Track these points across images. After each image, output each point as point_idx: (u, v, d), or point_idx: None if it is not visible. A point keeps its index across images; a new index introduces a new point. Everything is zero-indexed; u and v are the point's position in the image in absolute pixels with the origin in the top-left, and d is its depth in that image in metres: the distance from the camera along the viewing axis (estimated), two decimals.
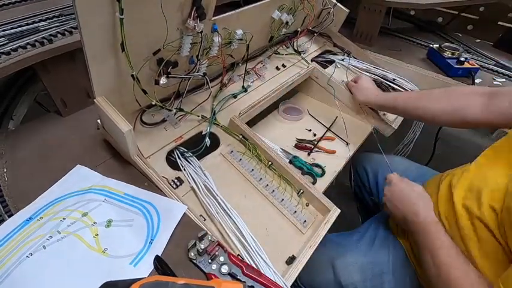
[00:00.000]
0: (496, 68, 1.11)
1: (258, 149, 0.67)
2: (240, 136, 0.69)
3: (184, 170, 0.61)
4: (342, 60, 1.01)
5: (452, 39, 1.31)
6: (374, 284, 0.64)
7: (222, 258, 0.45)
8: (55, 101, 0.69)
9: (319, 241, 0.56)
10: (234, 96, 0.78)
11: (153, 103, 0.60)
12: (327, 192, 0.68)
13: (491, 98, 0.60)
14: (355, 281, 0.65)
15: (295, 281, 0.52)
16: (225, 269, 0.44)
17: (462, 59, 1.04)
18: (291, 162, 0.74)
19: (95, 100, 0.53)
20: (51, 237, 0.47)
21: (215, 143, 0.68)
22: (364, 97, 0.83)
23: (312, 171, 0.73)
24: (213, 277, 0.44)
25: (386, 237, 0.71)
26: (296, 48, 0.96)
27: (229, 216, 0.55)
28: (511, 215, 0.45)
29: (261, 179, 0.64)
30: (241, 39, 0.71)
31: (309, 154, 0.79)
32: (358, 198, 0.99)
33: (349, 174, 1.01)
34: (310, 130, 0.87)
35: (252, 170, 0.65)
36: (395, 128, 0.86)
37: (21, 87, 0.74)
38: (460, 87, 0.70)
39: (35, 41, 0.62)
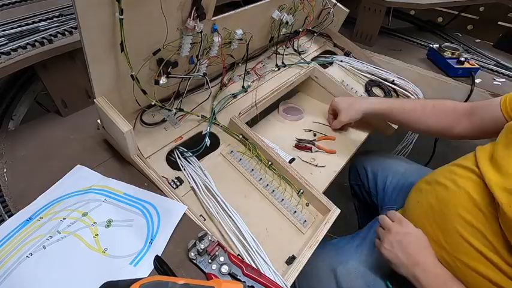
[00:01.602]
0: (496, 68, 1.11)
1: (258, 149, 0.67)
2: (240, 136, 0.69)
3: (184, 170, 0.61)
4: (341, 61, 1.01)
5: (452, 39, 1.31)
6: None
7: (222, 258, 0.45)
8: (55, 101, 0.69)
9: (319, 241, 0.56)
10: (234, 96, 0.78)
11: (153, 103, 0.60)
12: (327, 192, 0.68)
13: (469, 117, 0.70)
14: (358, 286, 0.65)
15: (294, 286, 0.51)
16: (225, 269, 0.44)
17: (462, 59, 1.04)
18: (291, 162, 0.74)
19: (94, 100, 0.53)
20: (51, 237, 0.47)
21: (215, 143, 0.68)
22: (359, 109, 0.79)
23: None
24: (213, 277, 0.44)
25: None
26: (296, 48, 0.97)
27: (229, 216, 0.55)
28: None
29: (261, 179, 0.64)
30: (241, 39, 0.71)
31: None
32: (357, 195, 0.99)
33: (348, 172, 1.01)
34: (310, 130, 0.87)
35: (252, 170, 0.65)
36: (396, 127, 0.87)
37: (21, 87, 0.74)
38: (446, 104, 0.75)
39: (35, 41, 0.62)
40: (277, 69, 0.89)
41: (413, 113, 0.76)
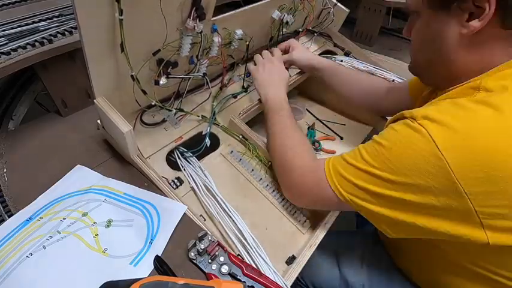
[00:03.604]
0: None
1: (258, 149, 0.67)
2: (240, 136, 0.69)
3: (184, 170, 0.61)
4: (341, 61, 1.01)
5: None
6: (381, 281, 0.64)
7: (222, 258, 0.45)
8: (55, 101, 0.69)
9: (319, 241, 0.56)
10: (234, 96, 0.78)
11: (153, 103, 0.60)
12: None
13: (388, 94, 0.75)
14: (362, 278, 0.65)
15: (296, 277, 0.52)
16: (225, 269, 0.44)
17: None
18: None
19: (94, 100, 0.53)
20: (51, 237, 0.47)
21: (215, 143, 0.68)
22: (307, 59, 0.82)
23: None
24: (213, 277, 0.44)
25: None
26: None
27: (229, 216, 0.55)
28: None
29: (261, 179, 0.64)
30: (241, 39, 0.71)
31: None
32: None
33: None
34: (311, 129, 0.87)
35: (252, 170, 0.65)
36: None
37: (21, 87, 0.74)
38: (376, 77, 0.86)
39: (35, 41, 0.62)
40: None
41: (350, 76, 0.81)
